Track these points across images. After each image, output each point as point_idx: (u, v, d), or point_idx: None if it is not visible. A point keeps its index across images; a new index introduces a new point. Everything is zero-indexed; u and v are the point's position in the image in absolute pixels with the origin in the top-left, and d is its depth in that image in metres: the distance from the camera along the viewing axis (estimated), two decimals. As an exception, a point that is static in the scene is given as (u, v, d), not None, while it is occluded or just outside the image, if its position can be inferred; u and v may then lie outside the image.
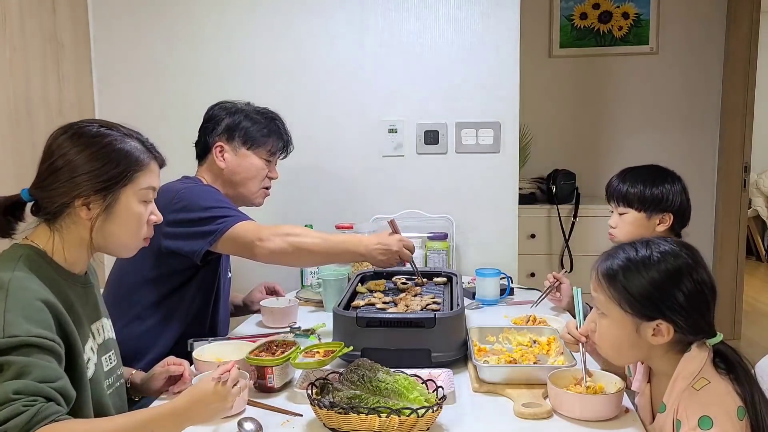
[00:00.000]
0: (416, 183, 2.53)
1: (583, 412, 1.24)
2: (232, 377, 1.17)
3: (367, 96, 2.51)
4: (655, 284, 1.17)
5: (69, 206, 1.22)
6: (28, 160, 2.14)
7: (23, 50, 2.13)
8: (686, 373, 1.16)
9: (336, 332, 1.57)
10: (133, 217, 1.28)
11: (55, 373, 1.09)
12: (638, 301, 1.18)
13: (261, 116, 1.98)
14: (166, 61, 2.56)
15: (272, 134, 1.98)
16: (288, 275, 2.38)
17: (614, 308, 1.21)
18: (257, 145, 1.95)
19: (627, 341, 1.21)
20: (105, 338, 1.35)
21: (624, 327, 1.20)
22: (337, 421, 1.19)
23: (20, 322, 1.08)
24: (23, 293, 1.12)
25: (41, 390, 1.05)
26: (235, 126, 1.94)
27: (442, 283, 1.94)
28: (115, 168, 1.23)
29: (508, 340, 1.64)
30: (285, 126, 2.03)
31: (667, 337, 1.17)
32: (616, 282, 1.20)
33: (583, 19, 4.07)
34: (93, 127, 1.26)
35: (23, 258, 1.19)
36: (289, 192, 2.57)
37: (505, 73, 2.45)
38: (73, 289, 1.25)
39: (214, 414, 1.16)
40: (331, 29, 2.50)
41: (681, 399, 1.14)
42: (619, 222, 1.85)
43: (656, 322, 1.17)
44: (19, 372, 1.05)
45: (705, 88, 4.00)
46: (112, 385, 1.34)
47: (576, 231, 3.71)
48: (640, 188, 1.81)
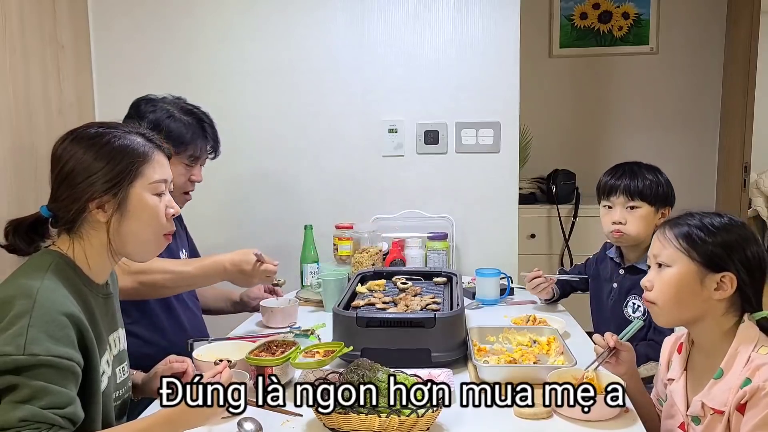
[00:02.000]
0: (416, 183, 2.53)
1: (583, 412, 1.24)
2: (225, 379, 1.17)
3: (367, 96, 2.51)
4: (728, 239, 1.24)
5: (84, 211, 1.21)
6: (28, 160, 2.14)
7: (23, 51, 2.13)
8: (748, 340, 1.21)
9: (336, 332, 1.57)
10: (149, 210, 1.26)
11: (66, 398, 1.09)
12: (711, 250, 1.23)
13: (188, 117, 1.86)
14: (166, 61, 2.56)
15: (195, 139, 1.86)
16: (288, 275, 2.38)
17: (682, 258, 1.25)
18: (176, 152, 1.79)
19: (689, 292, 1.25)
20: (120, 349, 1.34)
21: (689, 276, 1.24)
22: (337, 421, 1.19)
23: (42, 339, 1.07)
24: (49, 306, 1.11)
25: (46, 417, 1.05)
26: (156, 128, 1.79)
27: (442, 283, 1.95)
28: (119, 164, 1.22)
29: (508, 340, 1.64)
30: (213, 128, 1.93)
31: (730, 290, 1.22)
32: (691, 234, 1.25)
33: (583, 19, 4.08)
34: (92, 129, 1.26)
35: (53, 266, 1.17)
36: (289, 192, 2.57)
37: (505, 73, 2.45)
38: (96, 300, 1.25)
39: (208, 418, 1.16)
40: (331, 29, 2.50)
41: (749, 363, 1.18)
42: (629, 216, 1.85)
43: (722, 274, 1.22)
44: (30, 396, 1.05)
45: (705, 88, 4.00)
46: (121, 397, 1.33)
47: (576, 231, 3.72)
48: (652, 182, 1.85)
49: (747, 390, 1.15)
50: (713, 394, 1.22)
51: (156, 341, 1.77)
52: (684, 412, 1.28)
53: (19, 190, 2.08)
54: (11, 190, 2.06)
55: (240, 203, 2.55)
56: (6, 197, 2.03)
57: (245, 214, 2.59)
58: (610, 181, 1.90)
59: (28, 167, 2.13)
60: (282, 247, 2.52)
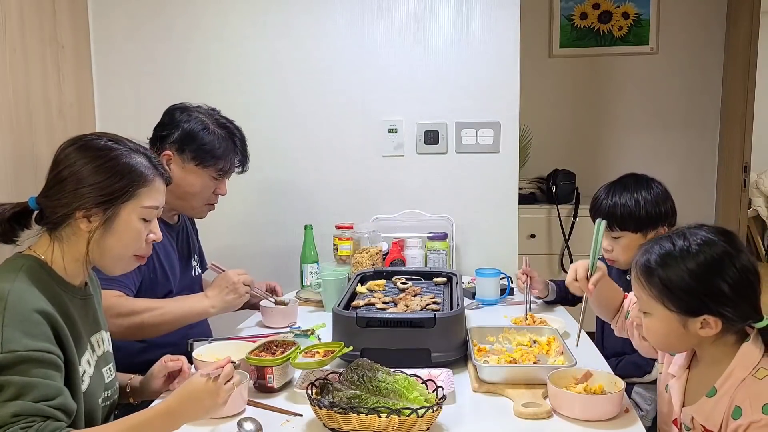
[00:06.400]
0: (416, 183, 2.53)
1: (583, 412, 1.24)
2: (225, 374, 1.17)
3: (367, 96, 2.51)
4: (696, 278, 1.14)
5: (70, 217, 1.23)
6: (27, 161, 2.14)
7: (23, 51, 2.13)
8: (747, 363, 1.15)
9: (336, 332, 1.57)
10: (132, 233, 1.27)
11: (54, 390, 1.10)
12: (681, 297, 1.16)
13: (221, 130, 1.88)
14: (166, 61, 2.55)
15: (226, 153, 1.87)
16: (288, 275, 2.38)
17: (657, 307, 1.19)
18: (206, 164, 1.83)
19: (675, 336, 1.20)
20: (104, 350, 1.35)
21: (670, 324, 1.18)
22: (337, 421, 1.19)
23: (18, 336, 1.08)
24: (22, 306, 1.12)
25: (39, 410, 1.06)
26: (189, 139, 1.82)
27: (442, 283, 1.95)
28: (118, 182, 1.23)
29: (508, 340, 1.64)
30: (244, 143, 1.94)
31: (715, 329, 1.15)
32: (655, 278, 1.18)
33: (583, 19, 4.08)
34: (101, 141, 1.27)
35: (24, 268, 1.19)
36: (289, 192, 2.57)
37: (504, 73, 2.45)
38: (73, 302, 1.25)
39: (207, 411, 1.16)
40: (332, 29, 2.50)
41: (741, 387, 1.14)
42: (614, 245, 1.80)
43: (702, 317, 1.15)
44: (18, 393, 1.06)
45: (705, 89, 4.00)
46: (110, 398, 1.34)
47: (576, 231, 3.72)
48: (633, 209, 1.75)
49: (741, 423, 1.11)
50: (704, 411, 1.19)
51: (156, 341, 1.77)
52: (678, 413, 1.27)
53: (19, 189, 2.08)
54: (11, 189, 2.06)
55: (240, 203, 2.55)
56: (6, 197, 2.03)
57: (245, 214, 2.59)
58: (594, 207, 1.84)
59: (28, 167, 2.13)
60: (282, 247, 2.52)
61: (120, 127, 1.65)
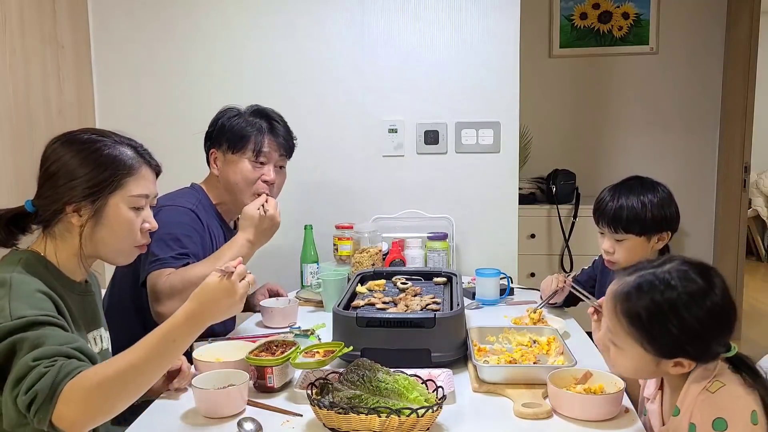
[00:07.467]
0: (416, 183, 2.53)
1: (583, 412, 1.24)
2: (239, 272, 1.18)
3: (367, 96, 2.52)
4: (685, 330, 1.11)
5: (61, 212, 1.24)
6: (27, 161, 2.14)
7: (23, 51, 2.13)
8: (701, 377, 1.13)
9: (336, 332, 1.57)
10: (123, 224, 1.28)
11: (70, 337, 1.12)
12: (664, 344, 1.13)
13: (254, 116, 1.88)
14: (166, 61, 2.56)
15: (257, 134, 1.86)
16: (288, 275, 2.38)
17: (633, 345, 1.16)
18: (239, 148, 1.84)
19: (644, 372, 1.19)
20: (102, 348, 1.35)
21: (642, 361, 1.16)
22: (337, 421, 1.18)
23: (25, 307, 1.11)
24: (25, 287, 1.14)
25: (60, 351, 1.07)
26: (223, 129, 1.86)
27: (442, 283, 1.94)
28: (103, 173, 1.24)
29: (508, 340, 1.63)
30: (285, 126, 1.94)
31: (688, 369, 1.14)
32: (640, 324, 1.14)
33: (583, 19, 4.08)
34: (85, 135, 1.28)
35: (22, 262, 1.21)
36: (289, 192, 2.57)
37: (504, 73, 2.45)
38: (70, 295, 1.26)
39: (227, 310, 1.17)
40: (331, 29, 2.50)
41: (696, 402, 1.12)
42: (617, 247, 1.78)
43: (676, 360, 1.13)
44: (34, 344, 1.07)
45: (705, 88, 4.00)
46: None
47: (576, 231, 3.72)
48: (639, 212, 1.73)
49: None
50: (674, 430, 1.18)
51: None
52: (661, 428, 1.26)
53: (19, 189, 2.08)
54: (11, 189, 2.06)
55: (240, 203, 2.54)
56: (6, 197, 2.03)
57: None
58: (599, 209, 1.81)
59: (28, 167, 2.13)
60: (282, 247, 2.52)
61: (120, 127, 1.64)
